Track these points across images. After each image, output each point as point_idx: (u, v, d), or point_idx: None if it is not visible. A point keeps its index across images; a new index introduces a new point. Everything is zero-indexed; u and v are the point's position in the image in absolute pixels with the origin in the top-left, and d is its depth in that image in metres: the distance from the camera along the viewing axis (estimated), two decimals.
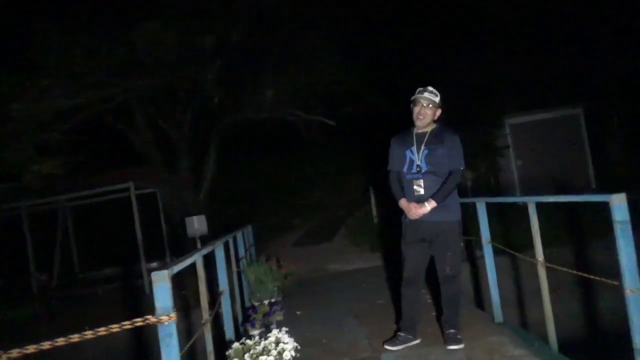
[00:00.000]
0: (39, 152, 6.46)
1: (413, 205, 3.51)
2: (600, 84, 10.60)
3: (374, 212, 10.32)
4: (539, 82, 10.58)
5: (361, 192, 11.69)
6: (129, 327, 1.94)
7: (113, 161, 10.77)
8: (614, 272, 2.48)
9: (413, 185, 3.53)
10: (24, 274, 9.05)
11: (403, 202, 3.60)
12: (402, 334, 3.69)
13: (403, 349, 3.64)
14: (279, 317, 4.77)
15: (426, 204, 3.47)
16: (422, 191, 3.50)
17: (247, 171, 13.47)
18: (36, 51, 7.08)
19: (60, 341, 1.82)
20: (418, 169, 3.51)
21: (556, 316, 3.35)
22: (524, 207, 3.47)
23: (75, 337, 1.85)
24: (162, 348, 1.98)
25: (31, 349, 1.77)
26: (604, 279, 2.72)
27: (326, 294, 6.46)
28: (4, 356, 1.64)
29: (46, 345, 1.81)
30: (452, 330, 3.59)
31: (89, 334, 1.87)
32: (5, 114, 6.10)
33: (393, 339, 3.71)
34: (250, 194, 12.86)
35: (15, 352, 1.70)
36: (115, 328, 1.92)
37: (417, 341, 3.70)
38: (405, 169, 3.59)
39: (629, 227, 2.37)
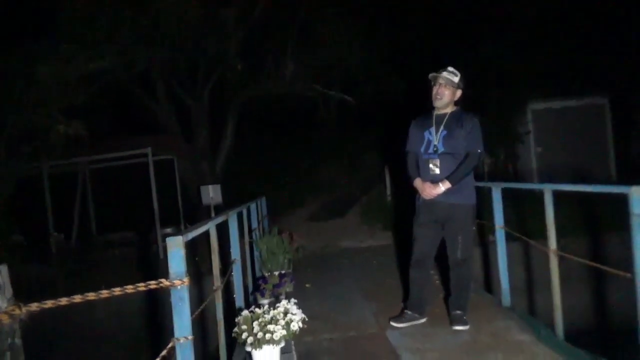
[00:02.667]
0: (64, 114, 6.58)
1: (427, 185, 3.50)
2: (629, 75, 10.28)
3: (388, 192, 10.31)
4: (566, 69, 10.30)
5: (376, 171, 11.66)
6: (144, 289, 1.99)
7: (133, 128, 10.89)
8: (628, 265, 2.46)
9: (429, 165, 3.52)
10: (43, 233, 9.29)
11: (418, 182, 3.60)
12: (408, 312, 3.73)
13: (408, 326, 3.70)
14: (288, 288, 4.85)
15: (440, 184, 3.45)
16: (437, 171, 3.48)
17: (263, 146, 13.50)
18: (63, 18, 7.14)
19: (77, 298, 1.89)
20: (435, 149, 3.49)
21: (565, 305, 3.34)
22: (539, 195, 3.43)
23: (91, 296, 1.91)
24: (174, 311, 2.04)
25: (49, 304, 1.83)
26: (616, 271, 2.70)
27: (336, 270, 6.53)
28: (24, 308, 1.71)
29: (63, 301, 1.88)
30: (459, 312, 3.62)
31: (104, 293, 1.93)
32: (32, 77, 6.20)
33: (399, 317, 3.76)
34: (265, 169, 12.91)
35: (34, 306, 1.76)
36: (130, 289, 1.98)
37: (423, 320, 3.74)
38: (422, 149, 3.57)
39: None
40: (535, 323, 3.63)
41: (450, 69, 3.53)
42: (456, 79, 3.50)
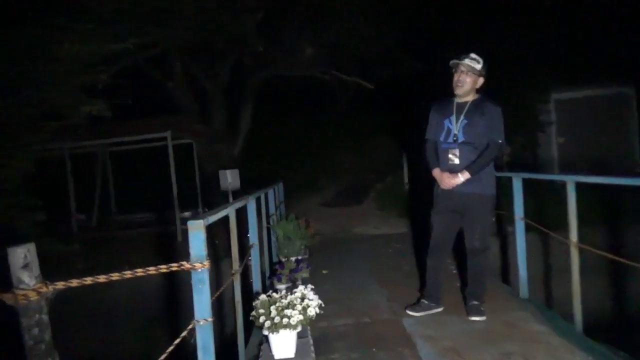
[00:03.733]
0: (86, 94, 6.65)
1: (446, 175, 3.46)
2: None
3: (405, 179, 10.25)
4: (591, 57, 10.02)
5: (393, 157, 11.59)
6: (165, 271, 2.03)
7: (150, 109, 10.97)
8: None
9: (448, 154, 3.46)
10: (65, 213, 9.50)
11: (436, 172, 3.55)
12: (425, 301, 3.74)
13: (424, 315, 3.70)
14: (305, 274, 4.89)
15: (459, 174, 3.41)
16: (456, 161, 3.43)
17: (280, 129, 13.50)
18: None
19: (102, 278, 1.93)
20: (454, 139, 3.43)
21: (583, 298, 3.31)
22: (559, 186, 3.38)
23: (115, 276, 1.96)
24: (195, 293, 2.07)
25: (75, 282, 1.88)
26: (637, 265, 2.66)
27: (351, 256, 6.56)
28: (51, 286, 1.76)
29: (88, 280, 1.93)
30: (476, 302, 3.61)
31: (128, 274, 1.97)
32: (54, 55, 6.25)
33: (415, 305, 3.77)
34: (282, 152, 12.94)
35: (60, 284, 1.81)
36: (152, 270, 2.01)
37: (440, 309, 3.74)
38: (442, 138, 3.52)
39: None
40: (552, 315, 3.61)
41: (472, 55, 3.43)
42: (479, 67, 3.41)
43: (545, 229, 4.11)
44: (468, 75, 3.41)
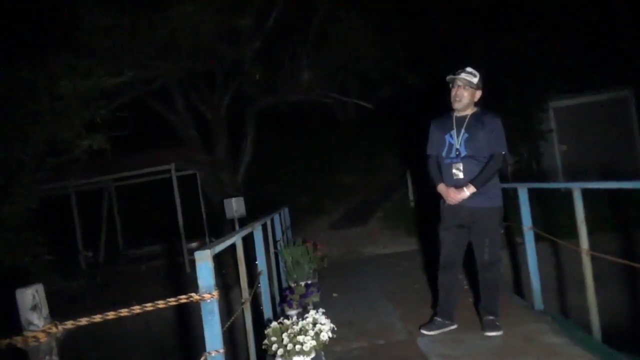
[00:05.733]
0: (86, 129, 6.75)
1: (452, 190, 3.44)
2: None
3: (411, 196, 10.23)
4: (586, 63, 10.08)
5: (398, 175, 11.59)
6: (174, 303, 2.01)
7: (153, 141, 11.07)
8: None
9: (452, 169, 3.44)
10: (72, 250, 9.49)
11: (442, 187, 3.53)
12: (438, 319, 3.68)
13: (439, 333, 3.64)
14: (315, 298, 4.84)
15: (465, 189, 3.39)
16: (461, 175, 3.41)
17: (282, 153, 13.56)
18: (81, 33, 7.35)
19: (111, 315, 1.92)
20: (457, 153, 3.42)
21: (600, 306, 3.25)
22: (565, 193, 3.36)
23: (124, 312, 1.94)
24: (205, 324, 2.05)
25: (83, 321, 1.87)
26: None
27: (361, 277, 6.50)
28: (60, 327, 1.74)
29: (97, 318, 1.91)
30: (491, 317, 3.54)
31: (136, 309, 1.96)
32: (54, 92, 6.38)
33: (429, 324, 3.71)
34: (285, 176, 12.97)
35: (69, 324, 1.79)
36: (161, 304, 2.00)
37: (454, 326, 3.68)
38: (444, 153, 3.51)
39: None
40: (570, 325, 3.54)
41: (468, 69, 3.44)
42: (475, 80, 3.42)
43: (554, 238, 4.06)
44: (465, 89, 3.42)
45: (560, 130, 9.56)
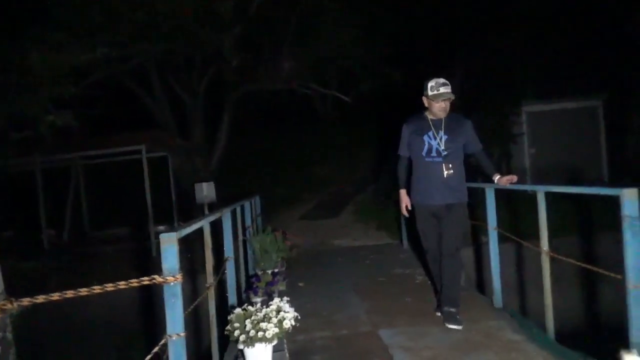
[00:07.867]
0: (55, 105, 6.53)
1: (505, 178, 3.68)
2: (623, 77, 10.33)
3: (385, 191, 10.31)
4: (560, 71, 10.34)
5: (372, 169, 11.67)
6: (136, 285, 1.99)
7: (127, 123, 10.84)
8: (620, 266, 2.48)
9: (440, 167, 3.65)
10: (36, 228, 9.23)
11: (402, 193, 3.87)
12: (452, 309, 3.68)
13: (403, 326, 3.72)
14: (281, 287, 4.85)
15: (495, 178, 3.74)
16: (451, 171, 3.65)
17: (259, 143, 13.48)
18: (56, 6, 7.09)
19: (69, 294, 1.88)
20: (438, 153, 3.65)
21: (556, 306, 3.37)
22: (533, 196, 3.46)
23: (83, 291, 1.91)
24: (167, 307, 2.03)
25: (41, 299, 1.83)
26: (607, 272, 2.72)
27: (329, 268, 6.53)
28: (15, 303, 1.70)
29: (55, 296, 1.87)
30: (452, 309, 3.66)
31: (97, 289, 1.92)
32: (23, 65, 6.14)
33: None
34: (261, 166, 12.90)
35: (25, 301, 1.75)
36: (122, 285, 1.97)
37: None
38: (424, 153, 3.69)
39: (637, 222, 2.36)
40: (527, 323, 3.65)
41: (442, 81, 3.61)
42: (450, 89, 3.62)
43: (517, 239, 4.18)
44: (448, 100, 3.64)
45: (531, 134, 9.83)
